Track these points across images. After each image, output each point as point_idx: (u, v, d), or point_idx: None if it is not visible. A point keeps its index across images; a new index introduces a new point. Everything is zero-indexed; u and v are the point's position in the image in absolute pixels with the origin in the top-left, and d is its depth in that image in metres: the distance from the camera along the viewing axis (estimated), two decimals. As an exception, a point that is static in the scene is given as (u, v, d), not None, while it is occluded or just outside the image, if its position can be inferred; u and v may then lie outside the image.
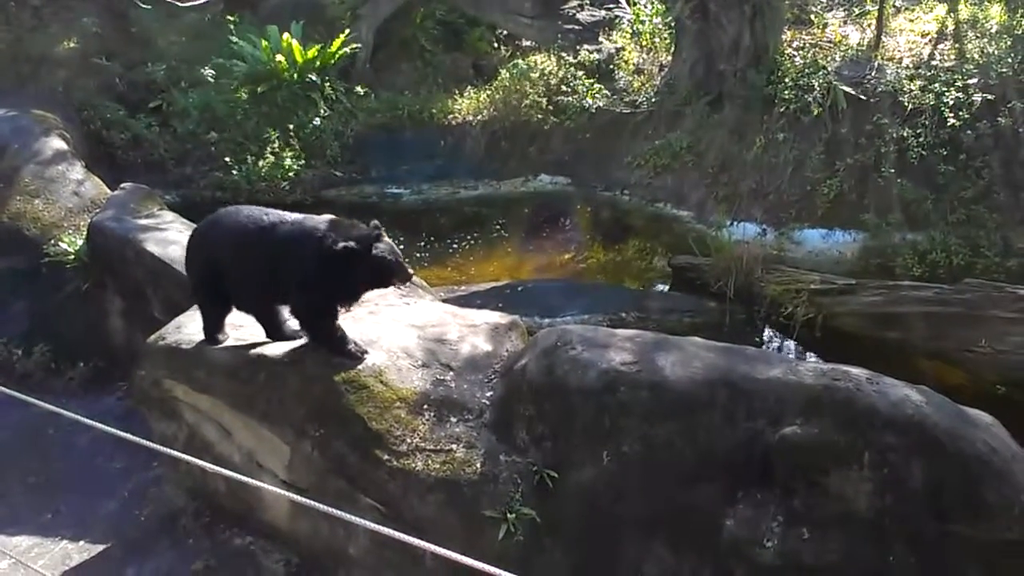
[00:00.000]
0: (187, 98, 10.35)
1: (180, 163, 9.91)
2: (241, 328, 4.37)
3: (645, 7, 11.52)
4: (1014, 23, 9.27)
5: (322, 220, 3.90)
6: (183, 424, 4.54)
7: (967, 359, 5.97)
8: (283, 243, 3.84)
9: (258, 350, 4.17)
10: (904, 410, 3.44)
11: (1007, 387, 5.72)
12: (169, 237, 6.17)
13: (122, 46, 11.00)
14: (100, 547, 4.69)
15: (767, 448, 3.54)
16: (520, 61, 11.14)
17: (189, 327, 4.47)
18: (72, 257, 6.58)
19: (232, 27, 11.25)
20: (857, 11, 10.65)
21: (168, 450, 3.34)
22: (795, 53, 9.57)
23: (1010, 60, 8.31)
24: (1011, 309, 5.89)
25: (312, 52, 10.62)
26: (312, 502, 2.45)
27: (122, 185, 7.16)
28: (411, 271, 3.96)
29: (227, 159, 9.58)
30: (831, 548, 3.40)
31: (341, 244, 3.66)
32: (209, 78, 10.41)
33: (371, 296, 4.65)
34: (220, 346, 4.26)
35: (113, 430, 3.06)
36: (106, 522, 4.90)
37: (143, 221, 6.44)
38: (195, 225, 4.17)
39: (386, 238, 3.88)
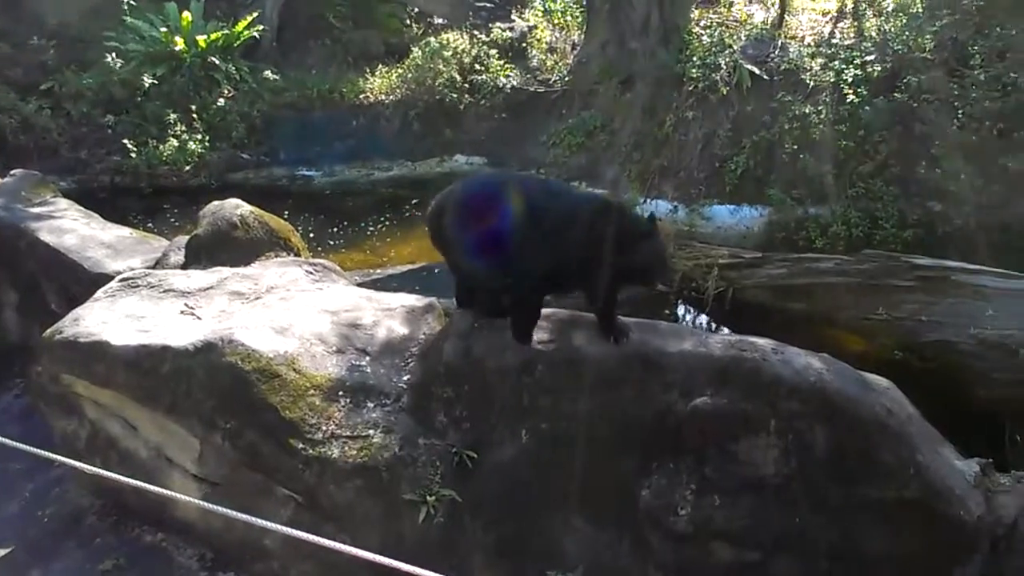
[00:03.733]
0: (81, 79, 9.85)
1: (75, 148, 9.46)
2: (143, 319, 4.21)
3: (556, -15, 11.54)
4: (909, 1, 9.64)
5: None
6: (85, 420, 4.34)
7: (866, 327, 6.21)
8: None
9: (160, 341, 4.00)
10: (807, 377, 3.56)
11: (904, 352, 5.99)
12: (64, 226, 5.88)
13: (10, 25, 10.38)
14: (1, 551, 4.47)
15: (680, 419, 3.62)
16: (432, 39, 11.00)
17: (87, 319, 4.26)
18: (-41, 250, 6.21)
19: (127, 5, 10.74)
20: (761, -11, 10.92)
21: (62, 458, 3.18)
22: (703, 32, 9.74)
23: (905, 37, 8.61)
24: (907, 278, 6.16)
25: (215, 35, 10.23)
26: (220, 508, 2.37)
27: (12, 172, 6.78)
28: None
29: (126, 142, 9.17)
30: (741, 513, 3.50)
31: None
32: (108, 59, 9.91)
33: (282, 282, 4.58)
34: (120, 338, 4.07)
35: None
36: (7, 525, 4.65)
37: (35, 209, 6.12)
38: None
39: None
